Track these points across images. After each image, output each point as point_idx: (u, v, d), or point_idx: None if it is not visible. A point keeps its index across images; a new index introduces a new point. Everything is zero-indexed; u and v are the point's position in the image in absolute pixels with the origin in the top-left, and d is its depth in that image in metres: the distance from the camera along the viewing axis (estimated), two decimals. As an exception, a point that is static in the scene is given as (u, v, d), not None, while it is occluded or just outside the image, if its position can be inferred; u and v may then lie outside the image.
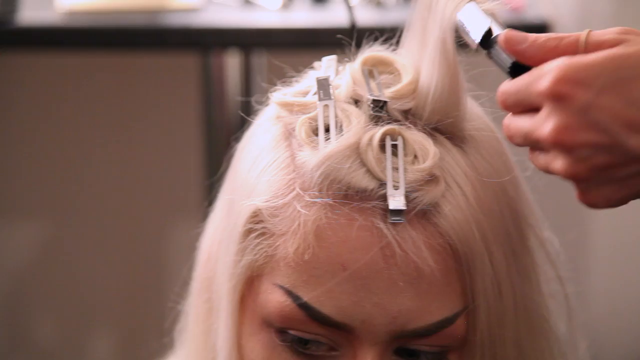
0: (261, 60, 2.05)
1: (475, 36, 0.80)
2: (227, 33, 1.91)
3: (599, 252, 2.29)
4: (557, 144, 0.73)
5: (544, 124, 0.73)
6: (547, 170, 0.76)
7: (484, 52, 0.80)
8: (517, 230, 0.87)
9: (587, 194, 0.75)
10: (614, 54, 0.73)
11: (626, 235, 2.08)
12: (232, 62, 2.09)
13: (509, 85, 0.77)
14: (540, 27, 1.88)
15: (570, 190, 0.78)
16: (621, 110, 0.71)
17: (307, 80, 0.92)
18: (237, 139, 0.94)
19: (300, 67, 0.95)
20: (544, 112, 0.74)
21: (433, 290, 0.82)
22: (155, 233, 2.39)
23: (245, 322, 0.87)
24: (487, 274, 0.83)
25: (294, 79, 0.93)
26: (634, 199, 0.75)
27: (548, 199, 0.93)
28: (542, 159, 0.76)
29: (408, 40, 0.90)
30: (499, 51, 0.78)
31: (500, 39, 0.78)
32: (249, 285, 0.86)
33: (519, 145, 0.78)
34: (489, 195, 0.84)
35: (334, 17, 1.92)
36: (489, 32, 0.80)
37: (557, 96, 0.72)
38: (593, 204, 0.75)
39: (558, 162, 0.74)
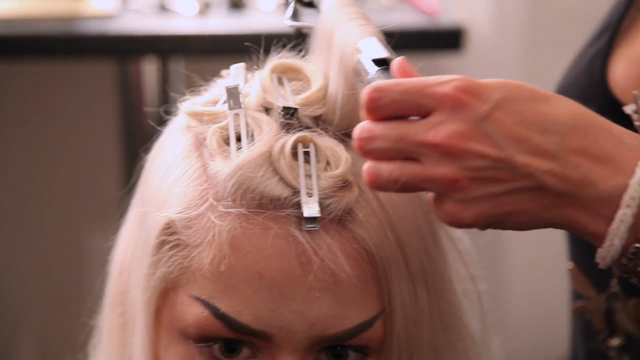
0: (179, 67, 2.04)
1: (371, 70, 0.80)
2: (143, 40, 1.90)
3: (516, 251, 2.32)
4: (448, 148, 0.73)
5: (434, 128, 0.73)
6: (416, 179, 0.74)
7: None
8: (430, 230, 0.88)
9: (460, 206, 0.74)
10: (508, 81, 0.75)
11: (541, 233, 2.11)
12: (149, 69, 2.08)
13: (388, 84, 0.75)
14: (455, 32, 1.90)
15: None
16: (512, 126, 0.73)
17: (216, 89, 0.92)
18: (147, 149, 0.93)
19: (218, 74, 0.94)
20: (437, 117, 0.73)
21: (350, 296, 0.82)
22: (73, 244, 2.36)
23: (161, 334, 0.86)
24: (402, 277, 0.84)
25: (202, 87, 0.93)
26: (499, 222, 0.75)
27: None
28: (411, 167, 0.75)
29: (316, 48, 0.90)
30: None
31: (394, 65, 0.77)
32: (164, 297, 0.85)
33: (376, 154, 0.76)
34: (402, 198, 0.84)
35: (250, 23, 1.93)
36: (383, 61, 0.79)
37: (457, 103, 0.73)
38: (461, 218, 0.74)
39: (441, 168, 0.73)
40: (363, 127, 0.76)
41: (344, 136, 0.85)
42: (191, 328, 0.83)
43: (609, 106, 1.00)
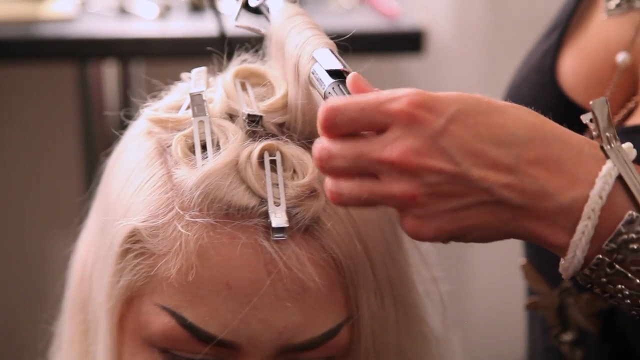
0: (139, 70, 2.03)
1: (325, 80, 0.80)
2: (103, 43, 1.89)
3: (476, 248, 2.33)
4: (403, 165, 0.72)
5: (390, 145, 0.73)
6: (376, 196, 0.74)
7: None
8: (394, 234, 0.88)
9: (420, 222, 0.74)
10: (463, 94, 0.75)
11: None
12: (109, 73, 2.07)
13: (343, 102, 0.75)
14: (415, 35, 1.90)
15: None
16: (468, 141, 0.72)
17: (177, 94, 0.91)
18: (108, 154, 0.92)
19: (179, 77, 0.93)
20: (392, 134, 0.73)
21: (318, 304, 0.82)
22: (33, 249, 2.34)
23: (125, 342, 0.86)
24: (369, 284, 0.84)
25: (162, 91, 0.92)
26: (460, 236, 0.75)
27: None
28: (370, 184, 0.74)
29: (270, 54, 0.89)
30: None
31: (348, 82, 0.77)
32: (128, 305, 0.85)
33: (336, 173, 0.75)
34: None
35: (211, 26, 1.92)
36: (338, 72, 0.79)
37: (411, 119, 0.73)
38: (422, 234, 0.74)
39: (399, 185, 0.73)
40: (322, 147, 0.75)
41: (309, 143, 0.83)
42: (157, 337, 0.82)
43: (559, 101, 1.02)
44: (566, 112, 1.01)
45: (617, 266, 0.73)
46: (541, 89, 1.04)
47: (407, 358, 0.90)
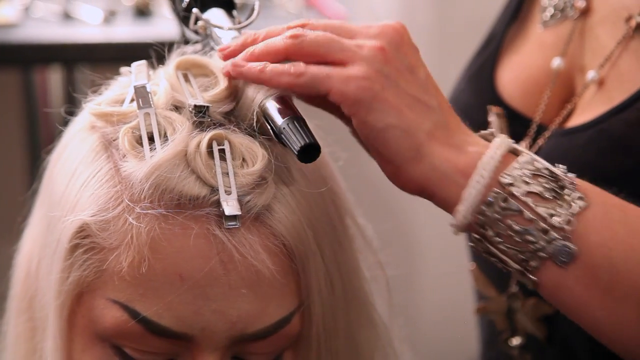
0: (84, 76, 2.02)
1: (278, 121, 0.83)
2: (48, 49, 1.88)
3: (422, 237, 2.35)
4: (380, 48, 0.80)
5: (368, 39, 0.82)
6: (330, 76, 0.80)
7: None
8: (340, 220, 0.89)
9: (384, 79, 0.80)
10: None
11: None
12: (54, 78, 2.05)
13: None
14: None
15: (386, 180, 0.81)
16: (424, 71, 0.83)
17: (118, 87, 0.90)
18: (50, 151, 0.91)
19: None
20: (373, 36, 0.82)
21: (271, 292, 0.82)
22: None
23: (75, 338, 0.85)
24: (320, 270, 0.84)
25: (102, 87, 0.91)
26: (390, 125, 0.80)
27: (367, 187, 0.94)
28: (327, 70, 0.80)
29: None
30: (289, 133, 0.80)
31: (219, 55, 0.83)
32: (78, 300, 0.84)
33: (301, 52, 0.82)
34: (313, 189, 0.85)
35: (157, 30, 1.91)
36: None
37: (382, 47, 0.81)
38: (382, 92, 0.80)
39: (368, 60, 0.80)
40: (297, 28, 0.84)
41: (256, 132, 0.84)
42: (109, 332, 0.82)
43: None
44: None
45: (510, 200, 0.79)
46: (480, 98, 1.07)
47: (356, 342, 0.91)
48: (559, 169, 0.81)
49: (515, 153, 0.81)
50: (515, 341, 1.05)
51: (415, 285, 2.38)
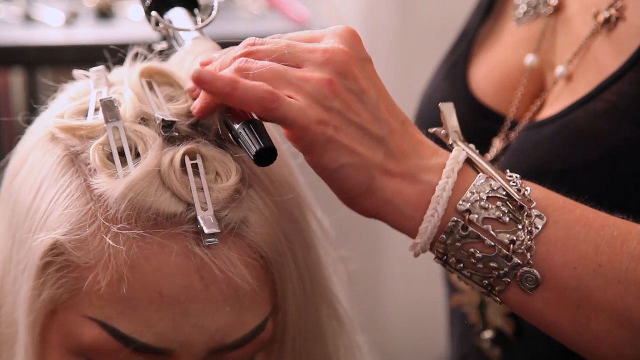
0: (47, 78, 2.00)
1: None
2: (9, 51, 1.86)
3: (389, 230, 2.35)
4: (333, 61, 0.79)
5: (325, 46, 0.80)
6: (286, 77, 0.79)
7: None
8: (303, 217, 0.89)
9: (328, 113, 0.79)
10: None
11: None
12: (16, 81, 2.04)
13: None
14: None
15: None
16: (382, 86, 0.83)
17: (76, 94, 0.88)
18: (6, 162, 0.89)
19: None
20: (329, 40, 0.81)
21: (247, 303, 0.81)
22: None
23: (49, 354, 0.83)
24: (294, 275, 0.85)
25: (54, 93, 0.89)
26: (335, 158, 0.79)
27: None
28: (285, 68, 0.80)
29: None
30: (245, 138, 0.80)
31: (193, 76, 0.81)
32: (52, 317, 0.82)
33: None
34: (281, 194, 0.85)
35: (119, 32, 1.91)
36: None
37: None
38: (324, 127, 0.79)
39: (319, 73, 0.79)
40: (253, 42, 0.82)
41: (222, 142, 0.84)
42: (87, 348, 0.80)
43: (471, 107, 1.07)
44: (479, 116, 1.05)
45: (470, 228, 0.79)
46: (454, 97, 1.07)
47: (325, 338, 0.91)
48: (515, 180, 0.81)
49: (472, 165, 0.81)
50: (487, 334, 1.06)
51: (380, 279, 2.38)
